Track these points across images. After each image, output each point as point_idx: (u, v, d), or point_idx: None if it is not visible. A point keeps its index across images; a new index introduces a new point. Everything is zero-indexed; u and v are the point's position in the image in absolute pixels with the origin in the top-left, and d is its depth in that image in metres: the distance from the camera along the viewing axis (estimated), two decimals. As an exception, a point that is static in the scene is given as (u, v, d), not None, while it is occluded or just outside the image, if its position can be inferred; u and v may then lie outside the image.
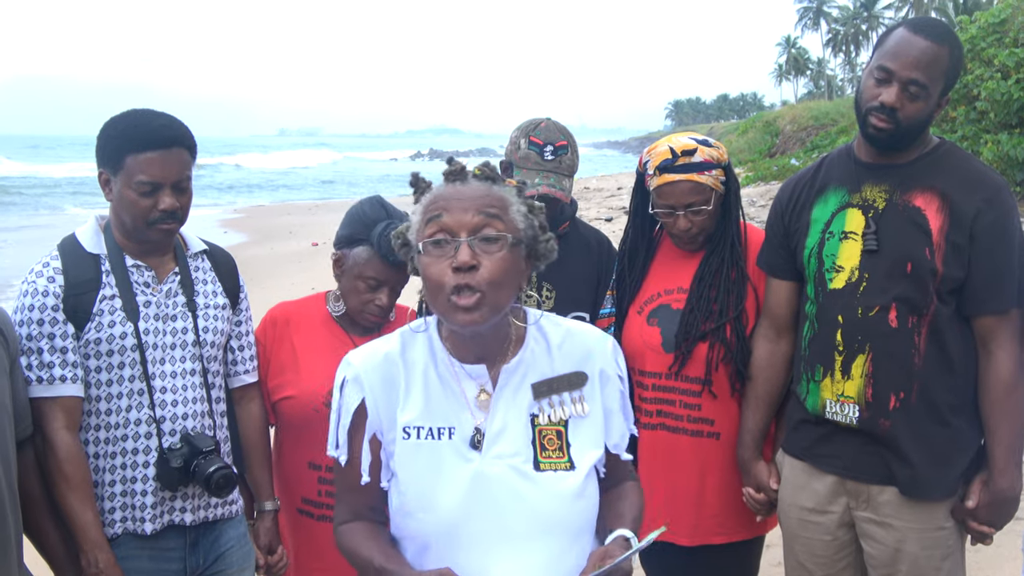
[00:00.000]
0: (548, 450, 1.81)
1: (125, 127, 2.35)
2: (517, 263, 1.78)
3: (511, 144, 2.88)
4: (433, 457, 1.80)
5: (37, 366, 2.29)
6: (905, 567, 2.49)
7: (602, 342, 1.91)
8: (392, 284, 2.68)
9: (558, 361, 1.86)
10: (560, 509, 1.78)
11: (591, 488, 1.83)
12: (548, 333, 1.89)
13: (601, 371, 1.88)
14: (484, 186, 1.80)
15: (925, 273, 2.40)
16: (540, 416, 1.83)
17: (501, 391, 1.83)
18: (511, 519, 1.76)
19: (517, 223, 1.78)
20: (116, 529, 2.38)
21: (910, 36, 2.39)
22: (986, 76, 10.53)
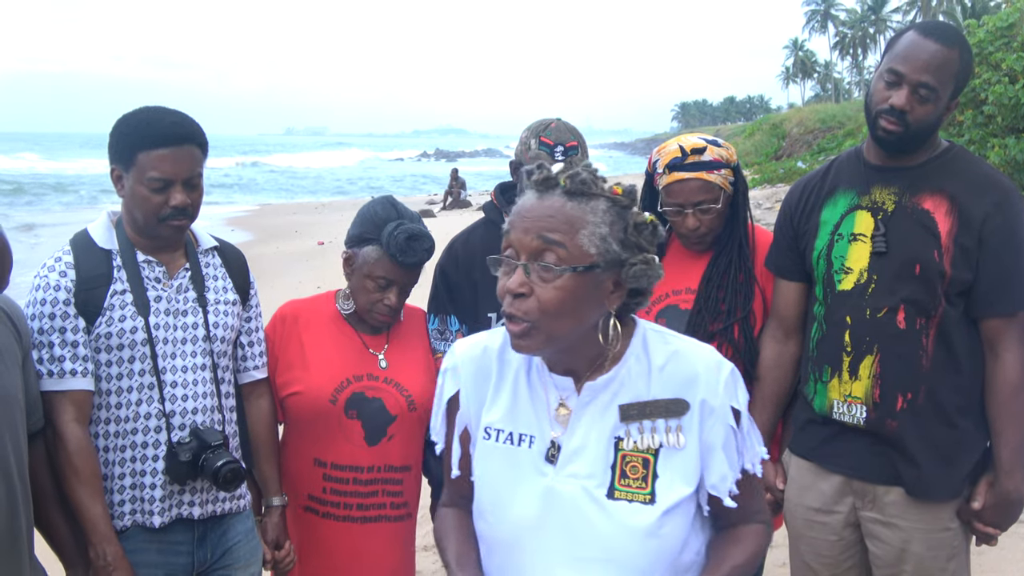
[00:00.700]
0: (629, 478, 1.67)
1: (137, 124, 2.37)
2: (585, 290, 1.62)
3: (521, 144, 2.90)
4: (510, 463, 1.75)
5: (48, 359, 2.31)
6: (910, 567, 2.50)
7: (713, 370, 1.70)
8: (401, 284, 2.69)
9: (656, 384, 1.70)
10: (628, 544, 1.66)
11: (670, 528, 1.67)
12: (652, 352, 1.72)
13: (703, 401, 1.69)
14: (559, 202, 1.63)
15: (933, 275, 2.41)
16: (626, 440, 1.69)
17: (583, 408, 1.72)
18: (576, 542, 1.68)
19: (587, 248, 1.61)
20: (125, 522, 2.40)
21: (920, 39, 2.39)
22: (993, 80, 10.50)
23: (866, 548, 2.60)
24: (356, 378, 2.69)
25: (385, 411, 2.69)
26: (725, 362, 1.74)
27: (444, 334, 2.86)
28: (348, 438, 2.67)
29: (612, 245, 1.63)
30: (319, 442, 2.69)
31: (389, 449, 2.70)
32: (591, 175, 1.65)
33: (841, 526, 2.60)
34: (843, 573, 2.64)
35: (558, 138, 2.84)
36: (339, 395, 2.66)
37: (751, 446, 1.77)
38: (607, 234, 1.63)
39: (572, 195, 1.63)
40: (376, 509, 2.70)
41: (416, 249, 2.64)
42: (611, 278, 1.65)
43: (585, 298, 1.63)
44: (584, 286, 1.62)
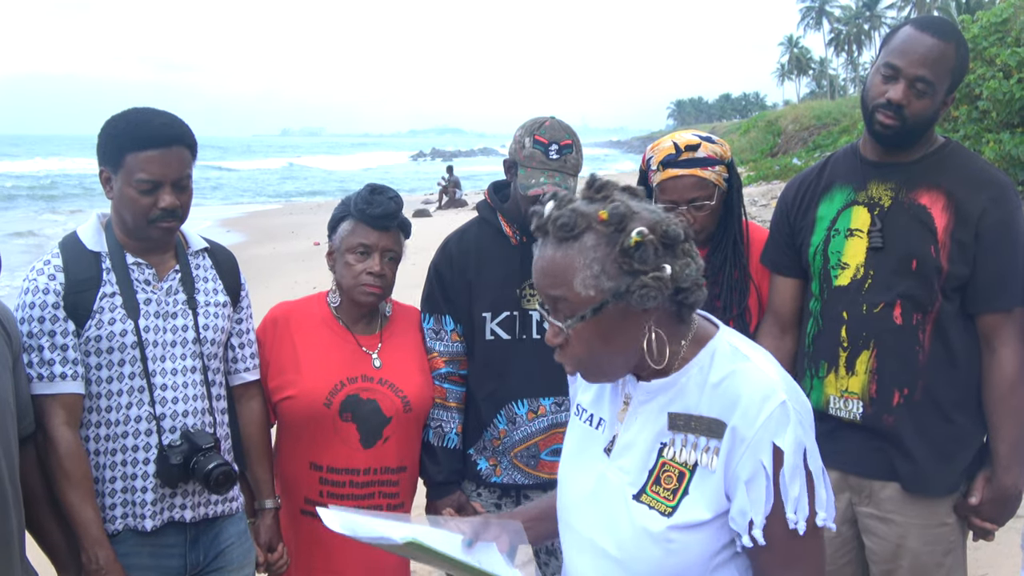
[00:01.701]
0: (661, 486, 1.64)
1: (126, 125, 2.36)
2: (608, 326, 1.59)
3: (515, 143, 2.89)
4: (585, 442, 1.80)
5: (38, 363, 2.29)
6: (907, 563, 2.50)
7: (758, 399, 1.57)
8: (382, 248, 2.66)
9: (707, 400, 1.62)
10: (634, 547, 1.65)
11: (679, 545, 1.61)
12: (715, 366, 1.64)
13: (734, 428, 1.57)
14: (551, 252, 1.59)
15: (930, 271, 2.41)
16: (668, 449, 1.65)
17: (637, 407, 1.71)
18: (603, 534, 1.70)
19: (586, 292, 1.57)
20: (117, 525, 2.38)
21: (917, 34, 2.40)
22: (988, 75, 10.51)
23: (862, 544, 2.60)
24: (350, 380, 2.67)
25: (380, 413, 2.67)
26: (778, 393, 1.57)
27: (439, 334, 2.85)
28: (344, 441, 2.65)
29: (607, 281, 1.57)
30: (314, 445, 2.68)
31: (385, 451, 2.69)
32: (573, 213, 1.58)
33: (838, 522, 2.60)
34: (839, 569, 2.64)
35: (552, 136, 2.83)
36: (333, 398, 2.64)
37: (793, 495, 1.56)
38: (599, 272, 1.57)
39: (560, 240, 1.59)
40: (373, 511, 2.68)
41: (379, 200, 2.64)
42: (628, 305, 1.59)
43: (614, 330, 1.60)
44: (605, 323, 1.59)
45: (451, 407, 2.84)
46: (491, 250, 2.86)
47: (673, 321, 1.65)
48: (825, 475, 1.61)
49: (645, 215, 1.60)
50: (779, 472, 1.55)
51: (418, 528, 1.88)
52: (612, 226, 1.56)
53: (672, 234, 1.58)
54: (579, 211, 1.58)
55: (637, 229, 1.55)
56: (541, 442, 2.80)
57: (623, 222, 1.56)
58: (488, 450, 2.86)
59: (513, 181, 2.88)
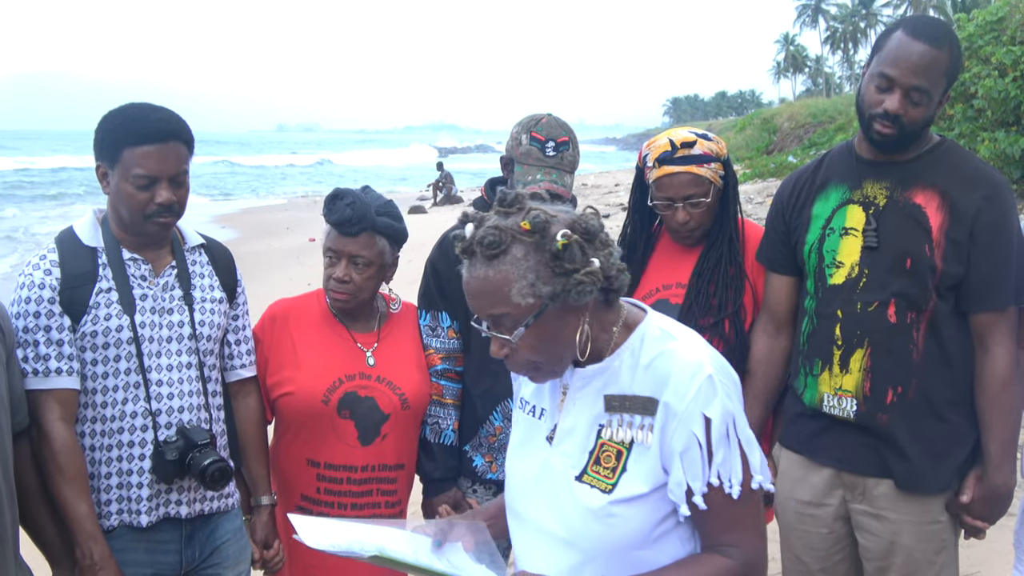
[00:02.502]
0: (601, 465, 1.73)
1: (122, 121, 2.35)
2: (552, 326, 1.68)
3: (512, 140, 2.88)
4: (528, 432, 1.89)
5: (33, 358, 2.29)
6: (900, 560, 2.51)
7: (687, 374, 1.68)
8: (347, 254, 2.63)
9: (639, 380, 1.72)
10: (577, 524, 1.74)
11: (620, 519, 1.70)
12: (645, 349, 1.74)
13: (667, 404, 1.68)
14: (482, 271, 1.66)
15: (924, 270, 2.42)
16: (606, 430, 1.74)
17: (574, 394, 1.80)
18: (550, 517, 1.79)
19: (524, 301, 1.65)
20: (112, 521, 2.38)
21: (909, 41, 2.37)
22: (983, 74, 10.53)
23: (856, 542, 2.61)
24: (348, 377, 2.67)
25: (378, 410, 2.67)
26: (705, 368, 1.68)
27: (436, 330, 2.85)
28: (341, 438, 2.65)
29: (543, 287, 1.64)
30: (312, 442, 2.68)
31: (383, 448, 2.69)
32: (496, 230, 1.64)
33: (832, 519, 2.61)
34: (833, 566, 2.65)
35: (549, 133, 2.83)
36: (331, 395, 2.64)
37: (725, 461, 1.67)
38: (534, 279, 1.64)
39: (489, 259, 1.65)
40: (370, 508, 2.68)
41: (338, 207, 2.62)
42: (567, 306, 1.68)
43: (558, 330, 1.69)
44: (547, 326, 1.68)
45: (448, 404, 2.84)
46: None
47: (603, 310, 1.75)
48: (754, 441, 1.71)
49: (562, 216, 1.68)
50: (711, 441, 1.66)
51: (386, 535, 1.91)
52: (536, 234, 1.64)
53: (591, 229, 1.67)
54: (501, 227, 1.65)
55: (561, 232, 1.63)
56: (537, 439, 2.80)
57: (545, 228, 1.64)
58: (484, 447, 2.86)
59: (510, 178, 2.88)
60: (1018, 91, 10.26)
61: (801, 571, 2.68)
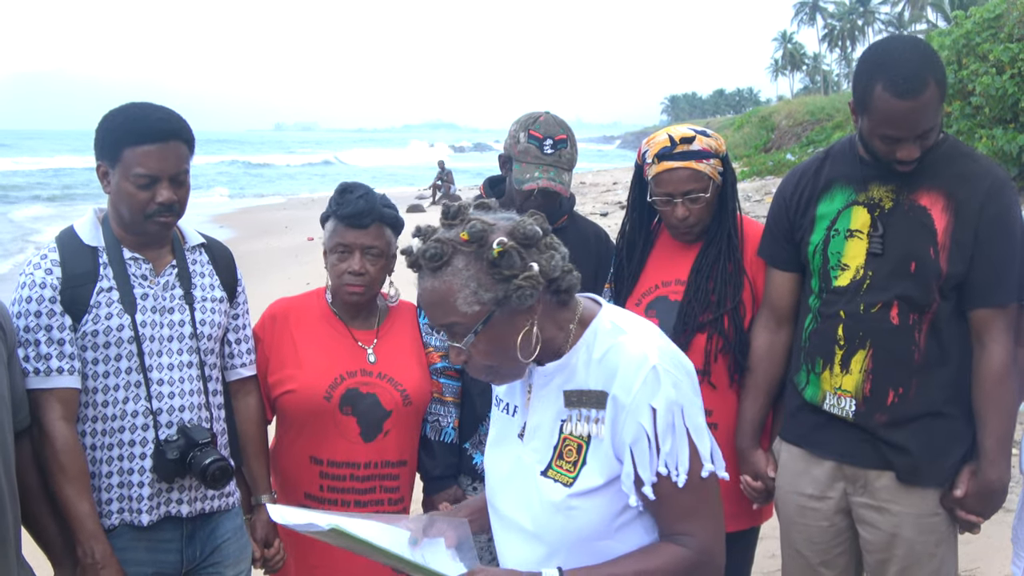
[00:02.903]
0: (564, 460, 1.79)
1: (123, 120, 2.35)
2: (501, 332, 1.74)
3: (510, 138, 2.89)
4: (503, 429, 1.95)
5: (34, 357, 2.29)
6: (901, 552, 2.52)
7: (633, 366, 1.72)
8: (360, 246, 2.65)
9: (593, 374, 1.77)
10: (542, 518, 1.80)
11: (580, 512, 1.75)
12: (597, 342, 1.79)
13: (614, 397, 1.73)
14: (430, 283, 1.74)
15: (928, 273, 2.43)
16: (567, 424, 1.79)
17: (538, 391, 1.86)
18: (519, 512, 1.85)
19: (470, 309, 1.71)
20: (113, 520, 2.39)
21: (895, 101, 2.30)
22: (981, 71, 10.55)
23: (856, 535, 2.62)
24: (349, 374, 2.68)
25: (380, 406, 2.68)
26: (649, 359, 1.71)
27: (435, 328, 2.86)
28: (344, 435, 2.66)
29: (485, 293, 1.71)
30: (314, 439, 2.68)
31: (385, 444, 2.69)
32: (438, 243, 1.71)
33: (832, 512, 2.62)
34: (833, 559, 2.66)
35: (547, 131, 2.84)
36: (333, 392, 2.65)
37: (673, 450, 1.70)
38: (477, 287, 1.71)
39: (434, 271, 1.73)
40: (373, 505, 2.68)
41: (349, 200, 2.64)
42: (513, 311, 1.74)
43: (508, 334, 1.74)
44: (497, 331, 1.74)
45: (448, 402, 2.85)
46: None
47: (557, 309, 1.80)
48: (705, 430, 1.75)
49: (502, 224, 1.74)
50: (657, 431, 1.70)
51: (362, 525, 1.91)
52: (475, 243, 1.70)
53: (530, 234, 1.71)
54: (443, 239, 1.72)
55: (497, 240, 1.69)
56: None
57: (483, 237, 1.70)
58: (484, 444, 2.87)
59: (508, 176, 2.89)
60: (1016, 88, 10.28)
61: (802, 565, 2.69)
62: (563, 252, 1.78)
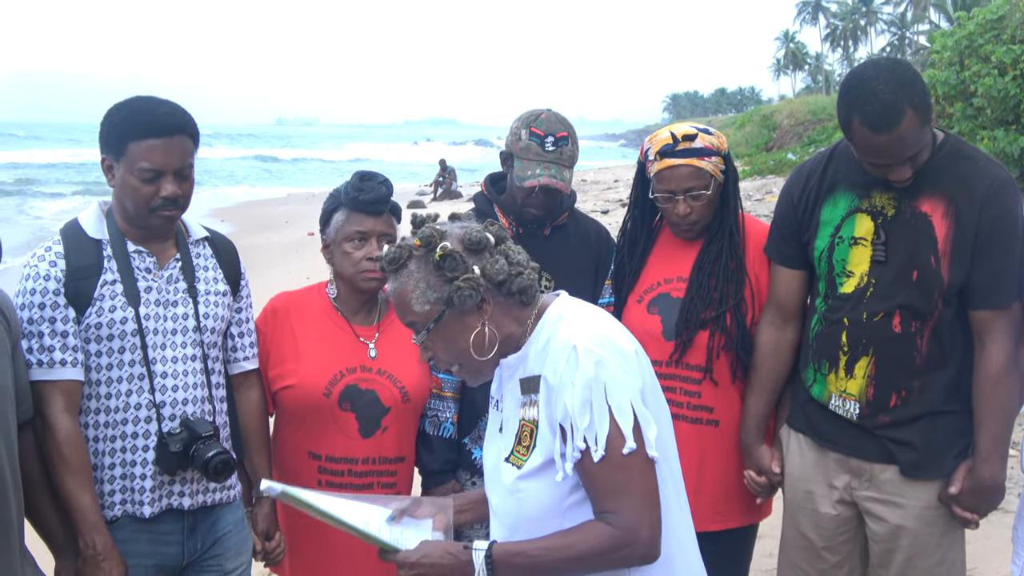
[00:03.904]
0: (520, 445, 1.89)
1: (128, 114, 2.36)
2: (455, 329, 1.89)
3: (512, 135, 2.90)
4: (493, 424, 2.06)
5: (38, 349, 2.30)
6: (906, 542, 2.55)
7: (559, 348, 1.84)
8: (378, 233, 2.69)
9: (539, 362, 1.88)
10: (502, 502, 1.94)
11: (527, 493, 1.86)
12: (543, 331, 1.91)
13: (544, 378, 1.85)
14: (391, 284, 1.92)
15: (930, 282, 2.44)
16: (522, 410, 1.91)
17: (505, 383, 1.98)
18: (494, 496, 2.00)
19: (422, 308, 1.88)
20: (115, 512, 2.40)
21: (873, 136, 2.30)
22: (983, 72, 10.54)
23: (861, 524, 2.65)
24: (349, 370, 2.69)
25: (379, 403, 2.69)
26: (573, 340, 1.81)
27: None
28: (342, 430, 2.66)
29: (432, 294, 1.87)
30: (313, 435, 2.69)
31: (384, 441, 2.70)
32: (398, 248, 1.89)
33: (838, 500, 2.65)
34: (837, 545, 2.68)
35: (548, 128, 2.84)
36: (333, 388, 2.66)
37: (591, 426, 1.76)
38: (425, 288, 1.87)
39: (394, 273, 1.91)
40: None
41: (371, 186, 2.68)
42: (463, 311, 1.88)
43: (459, 332, 1.90)
44: (449, 329, 1.90)
45: (447, 397, 2.85)
46: None
47: (514, 308, 1.93)
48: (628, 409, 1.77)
49: (456, 232, 1.90)
50: (565, 409, 1.78)
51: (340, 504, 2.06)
52: (424, 248, 1.87)
53: (476, 239, 1.87)
54: (401, 245, 1.91)
55: (440, 244, 1.85)
56: (536, 432, 2.82)
57: (431, 242, 1.86)
58: (483, 440, 2.88)
59: (509, 173, 2.90)
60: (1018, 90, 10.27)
61: (805, 547, 2.71)
62: (515, 258, 1.91)
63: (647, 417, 1.81)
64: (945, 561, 2.57)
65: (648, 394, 1.87)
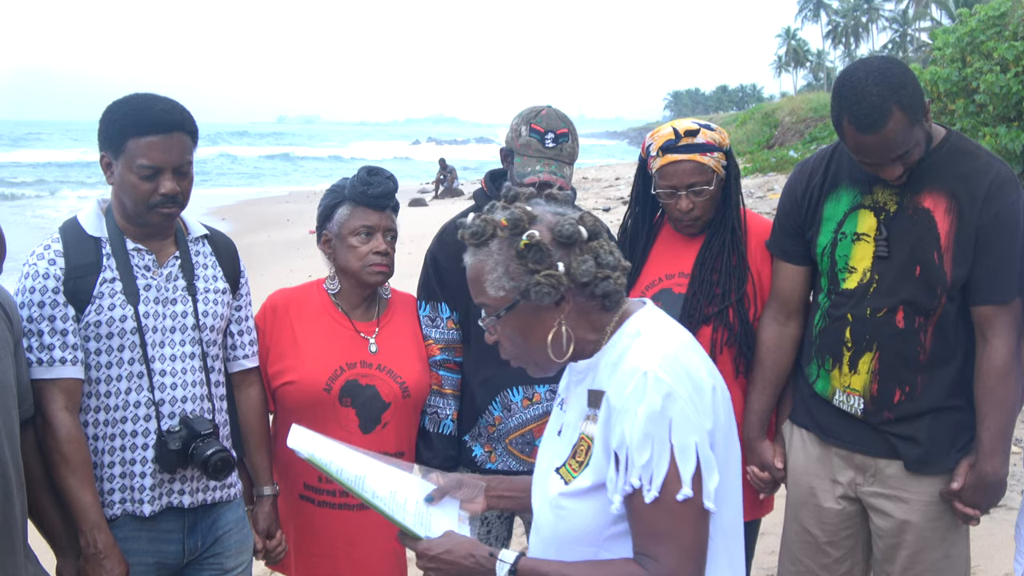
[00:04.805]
0: (575, 459, 1.76)
1: (127, 111, 2.36)
2: (525, 321, 1.75)
3: (512, 131, 2.89)
4: (553, 424, 1.95)
5: (37, 348, 2.30)
6: (911, 538, 2.55)
7: (629, 370, 1.68)
8: (383, 227, 2.71)
9: (607, 376, 1.74)
10: (540, 512, 1.84)
11: (568, 512, 1.73)
12: (617, 345, 1.76)
13: (608, 398, 1.70)
14: (470, 259, 1.79)
15: (933, 277, 2.44)
16: (585, 423, 1.77)
17: (572, 388, 1.87)
18: (536, 501, 1.90)
19: (496, 293, 1.75)
20: (115, 510, 2.39)
21: (860, 136, 2.33)
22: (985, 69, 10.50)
23: (865, 519, 2.65)
24: (349, 366, 2.69)
25: (379, 398, 2.69)
26: (645, 364, 1.66)
27: (435, 321, 2.86)
28: (343, 426, 2.66)
29: (509, 281, 1.73)
30: (313, 430, 2.68)
31: (384, 436, 2.70)
32: (483, 222, 1.74)
33: (842, 495, 2.65)
34: (841, 540, 2.68)
35: (548, 125, 2.84)
36: (333, 383, 2.66)
37: (649, 464, 1.61)
38: (503, 273, 1.73)
39: (474, 248, 1.77)
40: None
41: (379, 181, 2.69)
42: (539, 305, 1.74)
43: (531, 326, 1.76)
44: (521, 320, 1.76)
45: (447, 394, 2.85)
46: None
47: (594, 311, 1.77)
48: (692, 452, 1.62)
49: (548, 218, 1.74)
50: (636, 440, 1.63)
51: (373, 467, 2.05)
52: (510, 231, 1.72)
53: (566, 233, 1.70)
54: (487, 220, 1.75)
55: (527, 232, 1.70)
56: (536, 429, 2.81)
57: (519, 226, 1.71)
58: (483, 437, 2.87)
59: (510, 169, 2.89)
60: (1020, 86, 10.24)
61: (808, 542, 2.71)
62: (605, 259, 1.74)
63: (711, 463, 1.65)
64: (950, 556, 2.57)
65: (719, 436, 1.69)
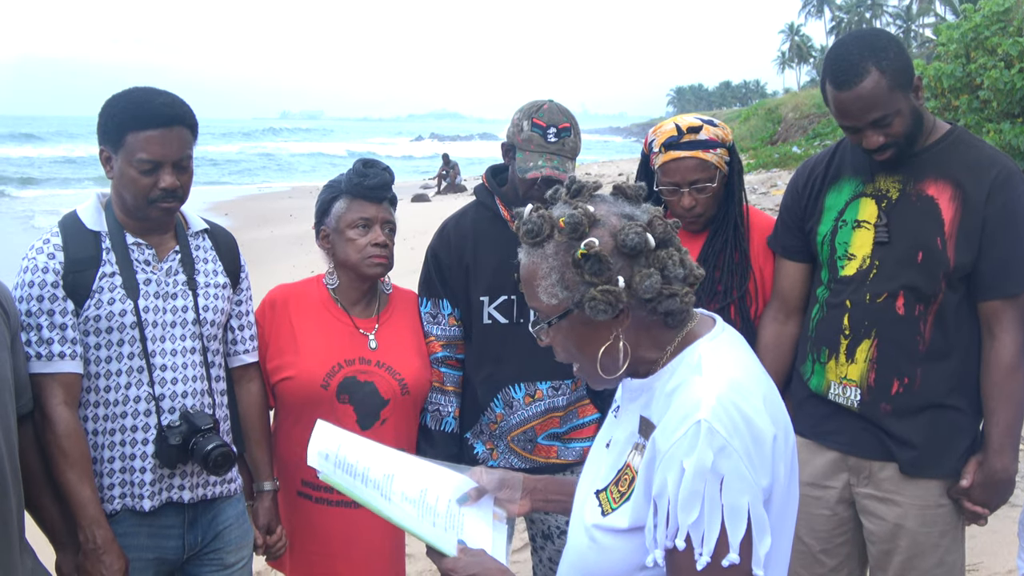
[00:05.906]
0: (617, 487, 1.60)
1: (126, 105, 2.35)
2: (578, 332, 1.58)
3: (514, 126, 2.88)
4: (604, 433, 1.78)
5: (36, 342, 2.29)
6: (904, 543, 2.53)
7: (681, 412, 1.47)
8: (381, 219, 2.71)
9: (660, 407, 1.55)
10: (575, 531, 1.67)
11: (599, 547, 1.57)
12: (675, 374, 1.57)
13: (654, 439, 1.50)
14: (524, 258, 1.60)
15: (935, 263, 2.43)
16: (632, 452, 1.61)
17: (626, 405, 1.70)
18: (571, 520, 1.75)
19: (548, 300, 1.57)
20: (115, 505, 2.39)
21: (837, 93, 2.40)
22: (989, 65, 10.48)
23: (859, 526, 2.63)
24: (348, 362, 2.68)
25: (378, 395, 2.68)
26: (701, 410, 1.45)
27: (436, 318, 2.85)
28: (340, 422, 2.64)
29: (563, 291, 1.56)
30: (312, 427, 2.68)
31: (382, 433, 2.69)
32: (540, 219, 1.57)
33: (835, 501, 2.63)
34: (835, 548, 2.67)
35: (550, 120, 2.82)
36: (331, 380, 2.65)
37: (698, 523, 1.43)
38: (557, 280, 1.56)
39: (529, 247, 1.59)
40: None
41: (374, 172, 2.70)
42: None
43: (585, 337, 1.59)
44: (574, 330, 1.59)
45: (448, 391, 2.84)
46: (489, 234, 2.86)
47: (656, 327, 1.60)
48: (743, 515, 1.43)
49: (612, 222, 1.56)
50: (679, 495, 1.44)
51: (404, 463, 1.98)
52: (568, 235, 1.53)
53: (630, 244, 1.52)
54: (546, 217, 1.57)
55: (587, 240, 1.52)
56: (538, 426, 2.80)
57: (578, 231, 1.53)
58: (485, 434, 2.86)
59: (511, 165, 2.88)
60: (1024, 82, 10.22)
61: (802, 552, 2.69)
62: (673, 271, 1.56)
63: (763, 525, 1.44)
64: (944, 563, 2.54)
65: (777, 492, 1.50)
